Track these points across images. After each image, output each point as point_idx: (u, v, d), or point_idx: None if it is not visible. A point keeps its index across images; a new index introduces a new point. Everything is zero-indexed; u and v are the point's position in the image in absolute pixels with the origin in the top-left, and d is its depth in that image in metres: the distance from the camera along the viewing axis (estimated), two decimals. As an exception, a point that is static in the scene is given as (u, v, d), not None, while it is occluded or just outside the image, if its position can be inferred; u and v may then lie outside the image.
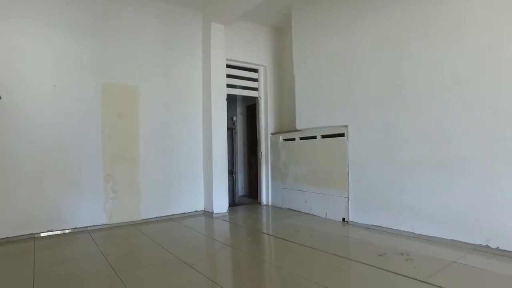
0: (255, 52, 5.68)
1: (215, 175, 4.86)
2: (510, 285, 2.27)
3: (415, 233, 3.51)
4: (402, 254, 3.00)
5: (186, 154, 4.96)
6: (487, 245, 2.99)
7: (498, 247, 2.92)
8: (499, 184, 2.91)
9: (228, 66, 5.30)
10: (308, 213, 4.86)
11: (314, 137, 4.75)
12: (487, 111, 2.98)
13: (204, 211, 5.08)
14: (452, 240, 3.22)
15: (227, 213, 4.95)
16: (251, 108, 6.94)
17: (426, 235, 3.41)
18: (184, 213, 4.92)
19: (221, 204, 4.92)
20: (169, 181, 4.78)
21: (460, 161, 3.15)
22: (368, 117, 3.98)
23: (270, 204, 5.71)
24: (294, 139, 5.14)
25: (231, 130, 7.00)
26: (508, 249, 2.86)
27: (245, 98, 6.62)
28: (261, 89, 5.84)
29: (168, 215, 4.74)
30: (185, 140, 4.96)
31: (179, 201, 4.88)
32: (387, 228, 3.77)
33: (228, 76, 5.31)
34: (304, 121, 4.92)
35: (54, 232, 3.87)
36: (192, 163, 5.02)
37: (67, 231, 3.95)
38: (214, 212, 4.84)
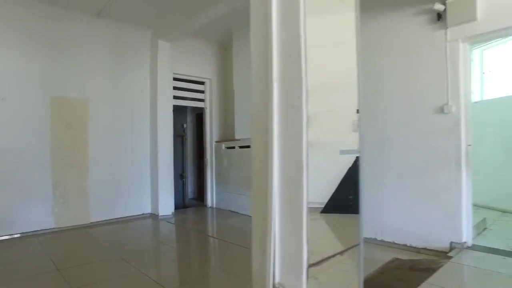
0: (202, 66, 6.19)
1: (161, 179, 5.31)
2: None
3: (325, 230, 4.19)
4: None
5: (133, 161, 5.36)
6: (375, 238, 3.72)
7: (382, 239, 3.67)
8: (382, 189, 3.65)
9: (177, 79, 5.77)
10: (246, 215, 5.43)
11: (249, 146, 5.34)
12: (371, 130, 3.72)
13: (151, 213, 5.51)
14: (351, 234, 3.92)
15: (172, 215, 5.41)
16: (200, 116, 7.43)
17: (334, 231, 4.10)
18: (132, 215, 5.32)
19: (166, 206, 5.38)
20: (118, 187, 5.16)
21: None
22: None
23: (214, 206, 6.25)
24: (234, 147, 5.71)
25: (181, 137, 7.45)
26: (389, 240, 3.61)
27: (195, 107, 7.08)
28: (207, 101, 6.37)
29: (116, 218, 5.12)
30: (133, 147, 5.36)
31: (127, 204, 5.27)
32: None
33: (177, 88, 5.78)
34: (241, 131, 5.51)
35: (1, 237, 4.13)
36: (140, 168, 5.43)
37: (15, 235, 4.23)
38: (160, 215, 5.28)
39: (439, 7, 3.15)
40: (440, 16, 3.22)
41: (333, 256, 1.30)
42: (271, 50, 1.24)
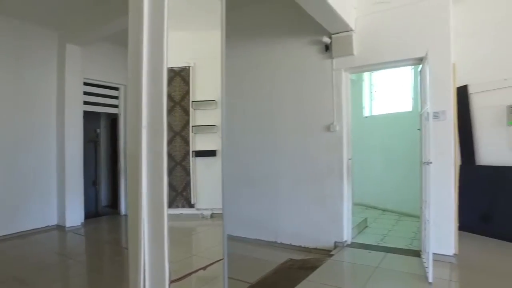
0: (116, 71, 6.04)
1: (69, 187, 5.08)
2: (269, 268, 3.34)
3: (232, 235, 4.49)
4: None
5: (37, 168, 5.02)
6: (275, 241, 4.14)
7: (281, 242, 4.10)
8: (280, 197, 4.09)
9: (89, 84, 5.56)
10: None
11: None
12: (270, 142, 4.14)
13: (57, 225, 5.23)
14: (255, 239, 4.30)
15: (81, 226, 5.22)
16: (115, 122, 7.21)
17: (239, 236, 4.42)
18: (34, 229, 4.98)
19: (74, 216, 5.16)
20: (17, 198, 4.79)
21: (260, 179, 4.26)
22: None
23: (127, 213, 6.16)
24: None
25: (94, 143, 7.15)
26: (286, 242, 4.05)
27: (110, 112, 6.87)
28: (121, 106, 6.25)
29: (15, 233, 4.75)
30: (37, 154, 5.03)
31: (28, 216, 4.92)
32: (217, 231, 4.70)
33: (89, 93, 5.58)
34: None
35: None
36: (43, 176, 5.11)
37: None
38: (67, 226, 5.06)
39: (326, 40, 3.67)
40: (327, 48, 3.75)
41: (196, 271, 1.55)
42: (141, 101, 1.47)
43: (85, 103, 5.54)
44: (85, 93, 5.55)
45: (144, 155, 1.45)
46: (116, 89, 6.19)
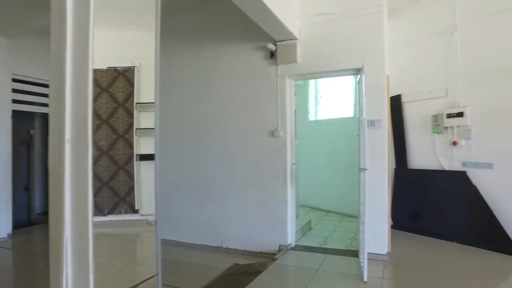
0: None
1: (-7, 197, 4.61)
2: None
3: (177, 241, 4.38)
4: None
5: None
6: (221, 246, 4.12)
7: (227, 247, 4.09)
8: (227, 201, 4.08)
9: (21, 81, 5.09)
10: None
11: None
12: (218, 147, 4.13)
13: (-21, 237, 4.72)
14: (201, 244, 4.24)
15: (8, 238, 4.76)
16: (52, 121, 6.69)
17: (185, 242, 4.33)
18: (-50, 243, 4.45)
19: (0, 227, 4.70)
20: None
21: (206, 184, 4.21)
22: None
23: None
24: None
25: (27, 145, 6.56)
26: (232, 247, 4.05)
27: (46, 113, 6.35)
28: (58, 107, 5.80)
29: None
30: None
31: None
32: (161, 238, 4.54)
33: (21, 91, 5.11)
34: (97, 142, 5.25)
35: None
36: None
37: None
38: (-9, 238, 4.58)
39: (271, 47, 3.73)
40: (273, 54, 3.81)
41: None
42: (64, 113, 1.36)
43: (15, 101, 5.07)
44: (16, 90, 5.07)
45: (67, 171, 1.34)
46: (51, 87, 5.73)
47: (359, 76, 3.49)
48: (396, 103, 4.43)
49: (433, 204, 4.13)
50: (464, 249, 3.71)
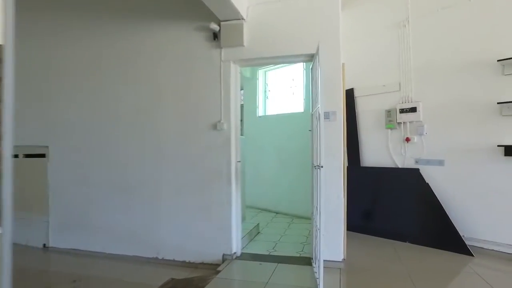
0: None
1: None
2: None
3: (106, 253, 3.71)
4: (74, 281, 3.09)
5: None
6: (157, 257, 3.52)
7: (163, 258, 3.50)
8: (162, 205, 3.49)
9: None
10: (34, 247, 4.24)
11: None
12: (150, 142, 3.53)
13: None
14: (134, 256, 3.60)
15: None
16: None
17: (115, 254, 3.67)
18: None
19: None
20: None
21: (136, 185, 3.58)
22: (68, 140, 3.92)
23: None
24: (17, 155, 4.42)
25: None
26: (169, 258, 3.47)
27: None
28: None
29: None
30: None
31: None
32: (85, 250, 3.82)
33: None
34: (28, 134, 4.31)
35: None
36: None
37: None
38: None
39: (214, 27, 3.23)
40: (216, 36, 3.31)
41: None
42: None
43: None
44: None
45: None
46: None
47: (312, 63, 3.14)
48: (349, 97, 4.18)
49: (386, 203, 3.94)
50: (417, 249, 3.54)
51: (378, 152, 4.12)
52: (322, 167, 2.39)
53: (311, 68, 3.24)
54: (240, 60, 3.32)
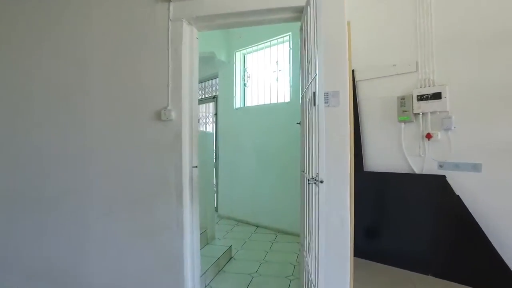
0: None
1: None
2: None
3: (9, 296, 2.61)
4: None
5: None
6: (79, 303, 2.44)
7: (88, 304, 2.42)
8: (88, 228, 2.42)
9: None
10: None
11: None
12: (72, 140, 2.44)
13: None
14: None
15: None
16: None
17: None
18: None
19: None
20: None
21: (53, 201, 2.48)
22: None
23: None
24: None
25: None
26: (97, 306, 2.39)
27: None
28: None
29: None
30: None
31: None
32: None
33: None
34: None
35: None
36: None
37: None
38: None
39: (157, -33, 2.16)
40: (162, -17, 2.25)
41: None
42: None
43: None
44: None
45: None
46: None
47: (302, 18, 2.11)
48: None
49: (400, 221, 2.95)
50: (444, 286, 2.57)
51: (387, 152, 3.13)
52: (322, 182, 1.37)
53: (300, 28, 2.22)
54: (196, 18, 2.25)
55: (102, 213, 2.40)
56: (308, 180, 1.68)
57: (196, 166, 2.33)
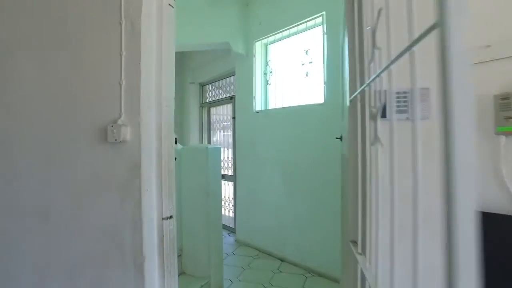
0: None
1: None
2: None
3: None
4: None
5: None
6: None
7: None
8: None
9: None
10: None
11: None
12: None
13: None
14: None
15: None
16: None
17: None
18: None
19: None
20: None
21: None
22: None
23: None
24: None
25: None
26: None
27: None
28: None
29: None
30: None
31: None
32: None
33: None
34: None
35: None
36: None
37: None
38: None
39: None
40: None
41: None
42: None
43: None
44: None
45: None
46: None
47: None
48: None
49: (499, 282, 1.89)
50: None
51: (478, 181, 2.07)
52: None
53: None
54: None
55: (32, 284, 1.57)
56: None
57: (171, 217, 1.42)
